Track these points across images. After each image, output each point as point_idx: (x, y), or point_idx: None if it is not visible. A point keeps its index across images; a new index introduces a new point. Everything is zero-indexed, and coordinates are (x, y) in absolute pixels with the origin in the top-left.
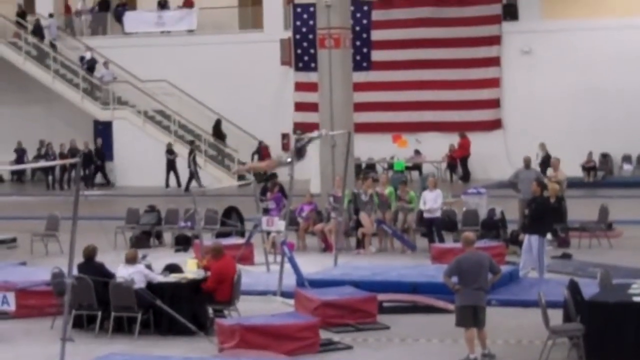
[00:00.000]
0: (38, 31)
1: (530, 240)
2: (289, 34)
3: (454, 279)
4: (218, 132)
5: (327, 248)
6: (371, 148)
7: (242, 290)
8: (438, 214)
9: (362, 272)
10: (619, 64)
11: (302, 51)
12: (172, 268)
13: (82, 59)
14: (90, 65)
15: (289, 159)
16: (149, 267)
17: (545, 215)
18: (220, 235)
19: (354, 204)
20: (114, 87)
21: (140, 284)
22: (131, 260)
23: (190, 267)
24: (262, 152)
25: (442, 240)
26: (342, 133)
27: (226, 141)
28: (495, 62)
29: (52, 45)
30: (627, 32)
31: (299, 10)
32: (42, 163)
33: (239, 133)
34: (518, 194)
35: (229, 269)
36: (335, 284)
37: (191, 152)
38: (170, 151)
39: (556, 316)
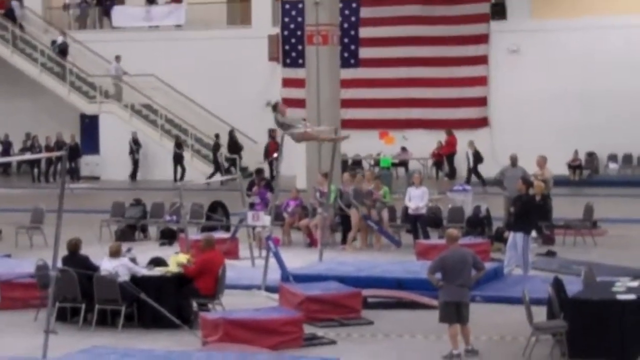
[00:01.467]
0: (10, 14)
1: (515, 238)
2: (277, 30)
3: (438, 276)
4: (233, 144)
5: (312, 243)
6: (358, 144)
7: (227, 284)
8: (423, 210)
9: (346, 267)
10: (606, 64)
11: (290, 47)
12: (157, 261)
13: (53, 42)
14: (62, 49)
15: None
16: (133, 260)
17: (530, 212)
18: (205, 229)
19: (340, 200)
20: (101, 80)
21: (124, 277)
22: (115, 253)
23: (175, 262)
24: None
25: (427, 236)
26: (329, 129)
27: (213, 136)
28: (482, 60)
29: (20, 27)
30: (614, 31)
31: (287, 6)
32: (28, 156)
33: (226, 128)
34: (504, 191)
35: (215, 262)
36: (320, 279)
37: (216, 147)
38: (178, 145)
39: (540, 313)
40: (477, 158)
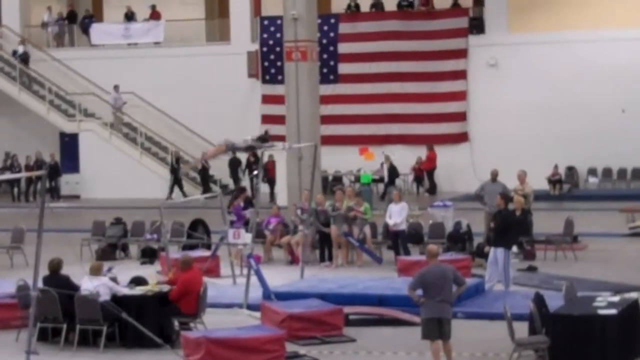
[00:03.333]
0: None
1: (496, 253)
2: (256, 46)
3: (419, 292)
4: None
5: (293, 261)
6: (338, 160)
7: (208, 302)
8: (403, 226)
9: (328, 284)
10: (585, 78)
11: (269, 64)
12: (138, 281)
13: (14, 52)
14: (23, 58)
15: (245, 141)
16: (114, 279)
17: (510, 228)
18: (186, 247)
19: (317, 219)
20: (80, 99)
21: (105, 296)
22: (95, 272)
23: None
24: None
25: (407, 252)
26: (309, 145)
27: (192, 153)
28: (461, 75)
29: None
30: (593, 46)
31: (266, 22)
32: (8, 175)
33: (206, 145)
34: (484, 206)
35: (196, 281)
36: (302, 296)
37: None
38: (177, 160)
39: (522, 329)
40: (393, 173)
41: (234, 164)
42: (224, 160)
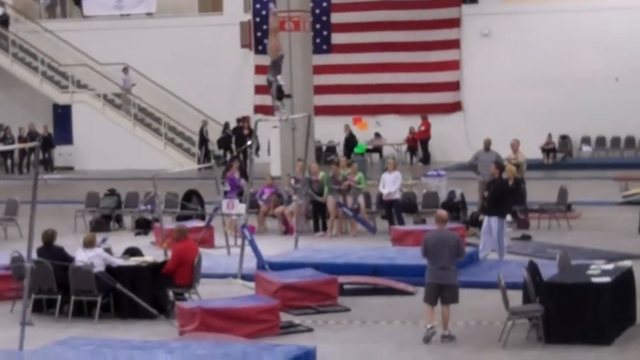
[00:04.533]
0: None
1: (490, 222)
2: (248, 16)
3: None
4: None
5: (287, 231)
6: (331, 131)
7: (203, 273)
8: (397, 196)
9: (322, 254)
10: (578, 47)
11: (262, 34)
12: (132, 252)
13: None
14: (2, 21)
15: (279, 78)
16: (108, 250)
17: (504, 197)
18: (180, 218)
19: (311, 188)
20: (73, 70)
21: (99, 267)
22: (89, 244)
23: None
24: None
25: (402, 222)
26: (302, 116)
27: (185, 124)
28: (454, 44)
29: None
30: (587, 15)
31: None
32: (1, 147)
33: (199, 116)
34: (478, 176)
35: (190, 251)
36: (296, 266)
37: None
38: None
39: (516, 297)
40: (351, 141)
41: (225, 141)
42: (217, 132)
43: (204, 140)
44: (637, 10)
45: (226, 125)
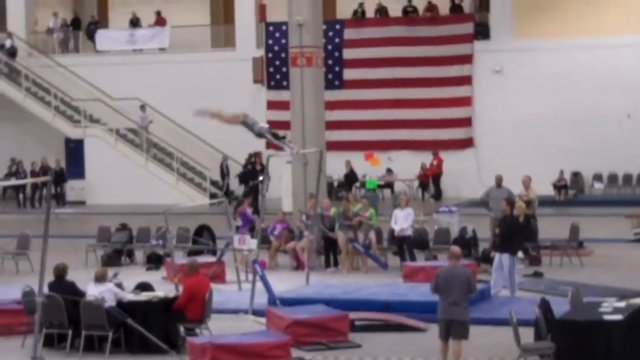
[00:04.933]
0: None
1: (501, 259)
2: (261, 52)
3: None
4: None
5: (299, 266)
6: (343, 166)
7: (214, 308)
8: (409, 232)
9: (333, 290)
10: (591, 84)
11: (274, 69)
12: (144, 286)
13: (2, 47)
14: (10, 52)
15: (260, 128)
16: (119, 285)
17: (515, 233)
18: (192, 253)
19: (322, 224)
20: (85, 105)
21: (110, 302)
22: (100, 278)
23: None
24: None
25: (413, 258)
26: (314, 151)
27: (197, 159)
28: (466, 81)
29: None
30: (599, 52)
31: (271, 28)
32: (13, 181)
33: (211, 151)
34: (489, 212)
35: (201, 286)
36: (307, 302)
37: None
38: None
39: (527, 334)
40: (351, 178)
41: (245, 175)
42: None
43: (224, 175)
44: None
45: (249, 160)
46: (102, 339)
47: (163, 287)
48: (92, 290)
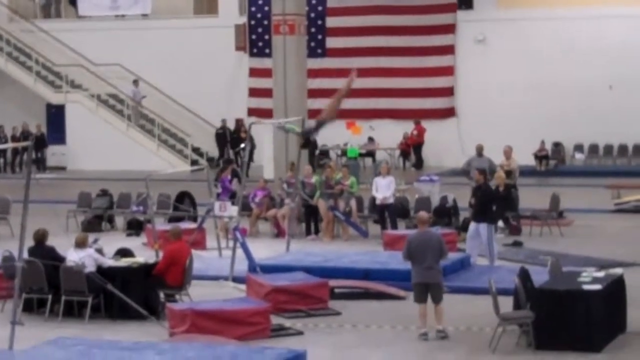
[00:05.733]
0: None
1: (477, 228)
2: (243, 19)
3: None
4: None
5: (279, 234)
6: (324, 134)
7: (194, 275)
8: (391, 200)
9: (314, 258)
10: (572, 55)
11: (256, 37)
12: (124, 252)
13: None
14: None
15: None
16: (100, 251)
17: (490, 202)
18: (172, 220)
19: (303, 191)
20: (67, 70)
21: (90, 267)
22: (81, 244)
23: None
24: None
25: (395, 226)
26: (296, 119)
27: (180, 126)
28: (449, 50)
29: None
30: (582, 22)
31: None
32: None
33: (193, 118)
34: (470, 181)
35: (182, 252)
36: (287, 269)
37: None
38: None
39: (506, 303)
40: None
41: (221, 138)
42: (210, 134)
43: (223, 143)
44: (632, 19)
45: (223, 124)
46: (82, 304)
47: (143, 253)
48: (72, 256)
